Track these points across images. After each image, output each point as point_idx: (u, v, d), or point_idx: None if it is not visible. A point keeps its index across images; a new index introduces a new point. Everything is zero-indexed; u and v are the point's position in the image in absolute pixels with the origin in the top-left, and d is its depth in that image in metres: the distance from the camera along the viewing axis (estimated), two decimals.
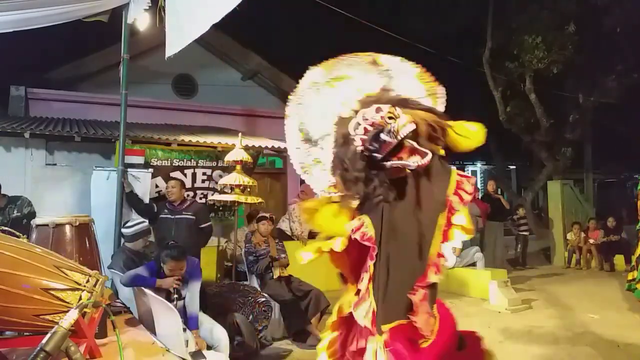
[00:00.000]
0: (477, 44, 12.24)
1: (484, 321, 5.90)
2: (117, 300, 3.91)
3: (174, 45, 4.80)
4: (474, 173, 20.34)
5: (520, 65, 11.40)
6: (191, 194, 6.53)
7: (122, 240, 4.84)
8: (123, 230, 4.70)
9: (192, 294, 3.91)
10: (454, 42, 12.84)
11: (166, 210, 5.48)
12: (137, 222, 4.62)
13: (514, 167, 18.42)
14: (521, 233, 10.63)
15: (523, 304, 6.50)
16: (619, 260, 9.32)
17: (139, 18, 5.67)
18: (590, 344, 4.81)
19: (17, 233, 2.81)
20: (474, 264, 7.77)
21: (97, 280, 2.51)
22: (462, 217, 1.99)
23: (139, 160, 6.45)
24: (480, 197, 9.82)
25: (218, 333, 3.94)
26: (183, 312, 3.83)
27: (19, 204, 5.24)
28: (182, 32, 4.69)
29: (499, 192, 16.06)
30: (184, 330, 3.68)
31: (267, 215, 5.92)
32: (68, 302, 2.33)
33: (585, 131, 12.56)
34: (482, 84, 12.43)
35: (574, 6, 10.43)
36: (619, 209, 9.21)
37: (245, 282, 5.60)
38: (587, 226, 10.15)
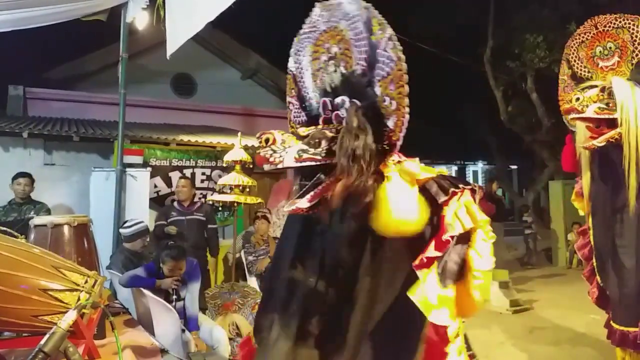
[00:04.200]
0: (478, 43, 12.23)
1: (484, 322, 5.88)
2: (116, 301, 3.88)
3: (173, 43, 4.79)
4: (475, 173, 20.31)
5: (522, 64, 11.38)
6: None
7: (121, 240, 4.82)
8: (121, 230, 4.67)
9: (192, 295, 3.89)
10: (455, 41, 12.82)
11: (174, 213, 5.47)
12: (135, 222, 4.59)
13: (515, 167, 18.41)
14: (532, 232, 10.98)
15: (524, 305, 6.48)
16: None
17: (138, 17, 5.65)
18: (592, 344, 4.80)
19: (16, 233, 2.78)
20: None
21: (96, 281, 2.49)
22: None
23: (138, 160, 6.44)
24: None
25: (217, 334, 3.91)
26: (182, 313, 3.81)
27: (38, 207, 5.22)
28: (180, 30, 4.68)
29: (501, 193, 16.14)
30: (183, 331, 3.66)
31: (267, 214, 5.90)
32: (66, 303, 2.31)
33: None
34: (483, 83, 12.40)
35: (575, 5, 10.40)
36: None
37: (244, 283, 5.57)
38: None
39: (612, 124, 3.00)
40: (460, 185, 1.72)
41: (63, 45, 10.53)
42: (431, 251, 1.62)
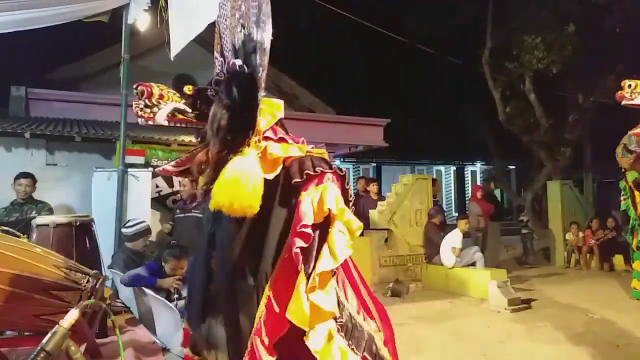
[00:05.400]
0: (477, 44, 12.25)
1: (484, 321, 5.90)
2: (118, 300, 3.92)
3: (176, 44, 4.83)
4: (473, 173, 20.30)
5: (520, 65, 11.39)
6: None
7: (123, 240, 4.85)
8: (123, 230, 4.71)
9: None
10: (454, 42, 12.84)
11: (178, 211, 5.53)
12: (137, 221, 4.63)
13: (513, 167, 18.40)
14: (529, 231, 11.02)
15: (523, 304, 6.50)
16: (618, 260, 9.31)
17: (139, 18, 5.69)
18: (590, 344, 4.80)
19: (18, 233, 2.82)
20: (473, 264, 7.77)
21: (98, 280, 2.52)
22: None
23: (140, 160, 6.47)
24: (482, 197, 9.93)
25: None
26: (184, 311, 3.84)
27: (40, 207, 5.25)
28: (182, 31, 4.72)
29: (499, 193, 16.15)
30: None
31: None
32: (68, 302, 2.34)
33: (585, 131, 12.54)
34: (482, 84, 12.42)
35: (573, 6, 10.41)
36: (618, 209, 9.19)
37: None
38: (589, 225, 10.16)
39: None
40: (319, 169, 1.57)
41: (65, 46, 10.57)
42: (298, 242, 1.48)
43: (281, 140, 1.72)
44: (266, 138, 1.68)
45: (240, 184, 1.50)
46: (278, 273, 1.58)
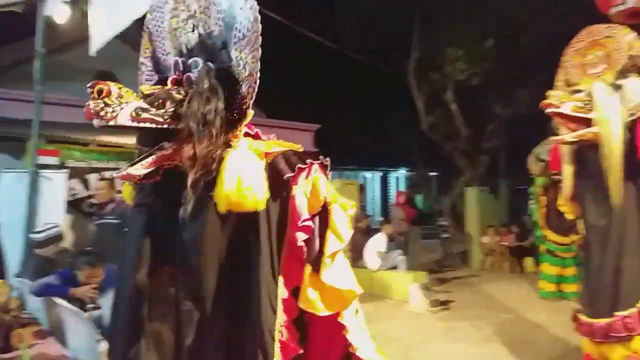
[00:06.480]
0: (405, 54, 12.63)
1: (405, 322, 6.10)
2: (25, 312, 3.67)
3: (97, 40, 4.62)
4: (397, 179, 20.97)
5: (443, 76, 11.87)
6: None
7: (32, 246, 4.55)
8: (32, 235, 4.43)
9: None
10: (384, 51, 13.16)
11: (95, 217, 5.27)
12: (48, 227, 4.37)
13: (435, 174, 19.16)
14: (447, 236, 11.59)
15: (442, 305, 6.77)
16: (529, 262, 9.90)
17: (58, 11, 5.40)
18: (504, 341, 5.09)
19: None
20: (395, 267, 7.99)
21: (2, 290, 2.36)
22: None
23: (54, 161, 6.14)
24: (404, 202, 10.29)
25: None
26: (99, 322, 3.66)
27: None
28: (104, 27, 4.53)
29: (422, 198, 16.77)
30: (99, 341, 3.52)
31: None
32: None
33: (502, 141, 13.27)
34: (407, 93, 12.82)
35: (495, 22, 10.97)
36: (529, 214, 9.81)
37: None
38: (502, 229, 10.76)
39: (589, 124, 3.11)
40: (308, 161, 1.64)
41: None
42: (301, 236, 1.55)
43: (257, 136, 1.78)
44: (245, 134, 1.71)
45: (246, 179, 1.52)
46: (285, 270, 1.62)
